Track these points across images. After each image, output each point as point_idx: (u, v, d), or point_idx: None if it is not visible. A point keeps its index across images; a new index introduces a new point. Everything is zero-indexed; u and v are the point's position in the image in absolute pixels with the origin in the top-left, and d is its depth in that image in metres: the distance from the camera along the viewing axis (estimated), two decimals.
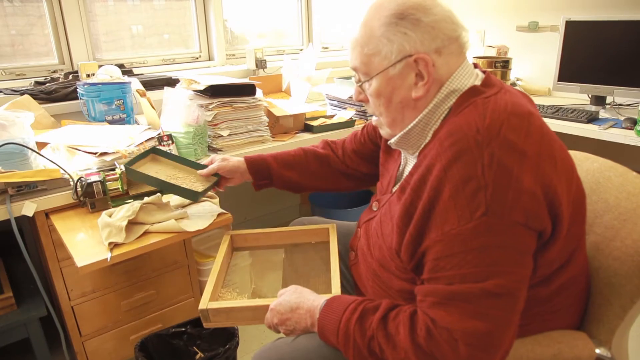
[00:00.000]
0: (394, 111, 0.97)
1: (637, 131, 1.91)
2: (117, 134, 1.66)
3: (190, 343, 1.60)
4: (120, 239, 1.26)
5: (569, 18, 2.33)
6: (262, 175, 1.37)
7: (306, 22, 3.14)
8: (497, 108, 0.85)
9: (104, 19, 2.33)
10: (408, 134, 0.97)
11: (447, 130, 0.86)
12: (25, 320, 1.50)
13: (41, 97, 1.92)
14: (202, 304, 1.09)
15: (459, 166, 0.80)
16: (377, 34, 0.91)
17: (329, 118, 2.24)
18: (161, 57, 2.55)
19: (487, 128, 0.81)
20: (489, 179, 0.78)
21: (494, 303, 0.79)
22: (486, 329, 0.79)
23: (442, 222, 0.82)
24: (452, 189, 0.80)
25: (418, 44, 0.89)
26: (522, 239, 0.81)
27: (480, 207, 0.78)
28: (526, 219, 0.79)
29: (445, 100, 0.92)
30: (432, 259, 0.84)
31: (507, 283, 0.80)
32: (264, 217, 3.06)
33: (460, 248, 0.80)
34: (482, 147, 0.80)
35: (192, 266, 1.78)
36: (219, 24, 2.64)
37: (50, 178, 1.43)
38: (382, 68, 0.92)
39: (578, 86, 2.36)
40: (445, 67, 0.91)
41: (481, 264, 0.79)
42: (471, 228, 0.79)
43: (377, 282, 1.06)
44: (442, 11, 0.91)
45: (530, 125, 0.84)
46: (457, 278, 0.81)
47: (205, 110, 1.76)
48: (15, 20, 2.10)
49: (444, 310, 0.81)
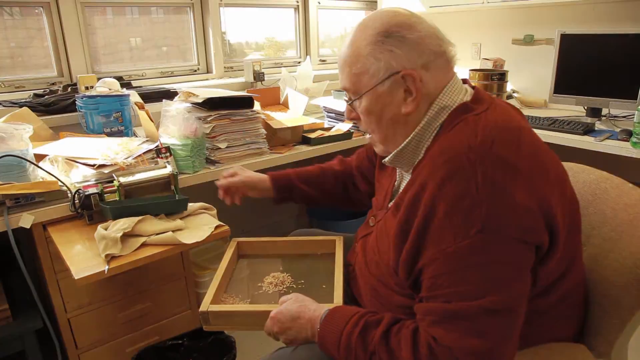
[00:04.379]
0: (385, 128, 0.98)
1: (633, 143, 1.92)
2: (116, 146, 1.66)
3: (187, 356, 1.59)
4: (116, 250, 1.26)
5: (564, 31, 2.36)
6: (284, 189, 1.39)
7: (304, 35, 3.17)
8: (488, 125, 0.86)
9: (103, 32, 2.35)
10: (402, 152, 0.98)
11: (440, 148, 0.87)
12: (21, 332, 1.48)
13: (40, 109, 1.93)
14: (203, 306, 1.09)
15: (453, 184, 0.81)
16: (364, 53, 0.92)
17: (327, 130, 2.25)
18: (159, 70, 2.56)
19: (479, 145, 0.82)
20: (483, 197, 0.79)
21: (493, 320, 0.80)
22: (486, 346, 0.79)
23: (438, 240, 0.82)
24: (447, 206, 0.81)
25: (405, 60, 0.90)
26: (518, 255, 0.81)
27: (476, 224, 0.78)
28: (522, 234, 0.80)
29: (436, 117, 0.93)
30: (429, 276, 0.84)
31: (505, 299, 0.80)
32: (262, 229, 3.05)
33: (457, 265, 0.81)
34: (475, 165, 0.80)
35: (190, 278, 1.77)
36: (217, 37, 2.66)
37: (48, 190, 1.43)
38: (371, 86, 0.94)
39: (574, 98, 2.38)
40: (433, 82, 0.92)
41: (478, 281, 0.80)
42: (467, 245, 0.79)
43: (376, 297, 1.06)
44: (427, 28, 0.92)
45: (521, 140, 0.85)
46: (455, 296, 0.81)
47: (203, 123, 1.76)
48: (15, 32, 2.11)
49: (443, 329, 0.82)
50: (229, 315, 1.09)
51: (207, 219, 1.48)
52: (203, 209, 1.54)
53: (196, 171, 1.74)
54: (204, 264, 1.97)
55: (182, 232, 1.39)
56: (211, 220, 1.47)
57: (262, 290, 1.22)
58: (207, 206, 1.55)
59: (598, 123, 2.31)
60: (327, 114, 2.49)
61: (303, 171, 1.42)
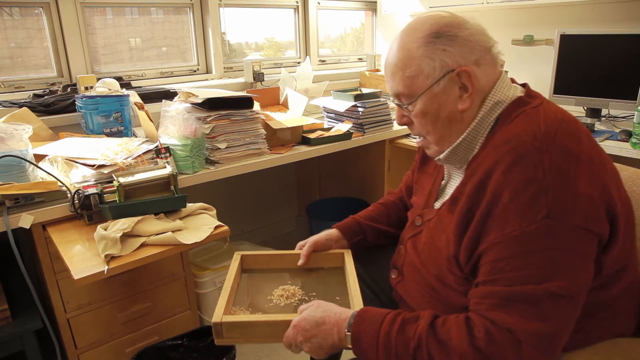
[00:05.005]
0: (441, 127, 0.98)
1: (633, 143, 1.92)
2: (115, 146, 1.67)
3: (187, 356, 1.59)
4: (116, 250, 1.26)
5: (564, 32, 2.36)
6: (355, 232, 1.33)
7: (303, 36, 3.17)
8: (549, 116, 0.89)
9: (103, 32, 2.35)
10: (457, 149, 0.99)
11: (503, 138, 0.88)
12: (20, 332, 1.48)
13: (39, 109, 1.93)
14: (216, 317, 1.02)
15: (520, 170, 0.83)
16: (417, 55, 0.93)
17: (327, 131, 2.25)
18: (159, 70, 2.56)
19: (544, 134, 0.85)
20: (550, 183, 0.80)
21: (557, 304, 0.80)
22: (549, 330, 0.80)
23: (502, 224, 0.83)
24: (513, 191, 0.82)
25: (459, 57, 0.92)
26: (582, 243, 0.82)
27: (542, 209, 0.80)
28: (586, 222, 0.81)
29: (491, 111, 0.95)
30: (490, 260, 0.85)
31: (569, 285, 0.81)
32: (261, 229, 3.06)
33: (521, 249, 0.82)
34: (541, 152, 0.82)
35: (189, 278, 1.77)
36: (217, 37, 2.66)
37: (47, 190, 1.43)
38: (427, 86, 0.94)
39: (573, 99, 2.38)
40: (484, 77, 0.94)
41: (543, 265, 0.81)
42: (533, 230, 0.80)
43: (435, 297, 1.04)
44: (474, 25, 0.95)
45: (581, 132, 0.88)
46: (518, 279, 0.82)
47: (203, 123, 1.76)
48: (15, 33, 2.12)
49: (504, 312, 0.82)
50: (245, 327, 1.02)
51: (206, 219, 1.48)
52: (202, 209, 1.54)
53: (196, 171, 1.74)
54: (204, 264, 1.97)
55: (182, 232, 1.39)
56: (211, 221, 1.47)
57: (273, 303, 1.16)
58: (206, 206, 1.56)
59: (598, 123, 2.32)
60: (326, 114, 2.50)
61: (365, 212, 1.37)
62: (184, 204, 1.49)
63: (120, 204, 1.41)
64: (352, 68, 3.34)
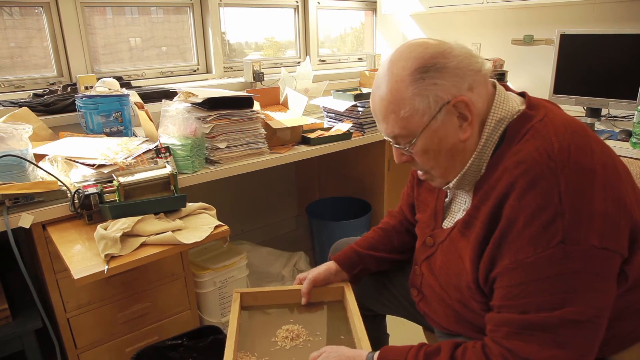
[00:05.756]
0: (445, 161, 0.95)
1: (633, 143, 1.92)
2: (115, 146, 1.67)
3: (187, 356, 1.59)
4: (116, 250, 1.26)
5: (564, 32, 2.36)
6: (354, 263, 1.29)
7: (303, 35, 3.17)
8: (559, 131, 0.85)
9: (103, 32, 2.35)
10: (464, 176, 0.95)
11: (515, 160, 0.85)
12: (20, 332, 1.48)
13: (39, 109, 1.93)
14: None
15: (535, 194, 0.80)
16: (408, 95, 0.89)
17: (327, 130, 2.25)
18: (159, 70, 2.56)
19: (558, 153, 0.82)
20: (566, 206, 0.78)
21: (574, 331, 0.79)
22: (568, 356, 0.79)
23: (516, 249, 0.82)
24: (528, 217, 0.80)
25: (451, 88, 0.88)
26: (599, 263, 0.80)
27: (557, 235, 0.78)
28: (601, 241, 0.79)
29: (494, 131, 0.92)
30: (505, 285, 0.84)
31: (586, 310, 0.79)
32: (261, 229, 3.06)
33: (536, 276, 0.80)
34: (556, 173, 0.80)
35: (189, 278, 1.77)
36: (217, 37, 2.66)
37: (47, 190, 1.43)
38: (424, 124, 0.90)
39: (573, 98, 2.38)
40: (480, 100, 0.91)
41: (557, 291, 0.79)
42: (548, 256, 0.79)
43: (461, 318, 1.04)
44: (461, 50, 0.90)
45: (591, 140, 0.86)
46: (533, 306, 0.81)
47: (202, 123, 1.76)
48: (15, 32, 2.11)
49: (520, 341, 0.81)
50: None
51: (206, 219, 1.48)
52: (202, 209, 1.54)
53: (196, 171, 1.74)
54: (204, 264, 1.97)
55: (182, 232, 1.39)
56: (210, 220, 1.47)
57: (279, 347, 1.12)
58: (206, 206, 1.55)
59: (597, 123, 2.32)
60: (326, 114, 2.50)
61: (363, 240, 1.33)
62: (184, 203, 1.49)
63: (120, 204, 1.41)
64: (352, 68, 3.34)
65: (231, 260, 2.02)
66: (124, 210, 1.39)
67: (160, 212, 1.44)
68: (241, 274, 2.08)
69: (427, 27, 3.19)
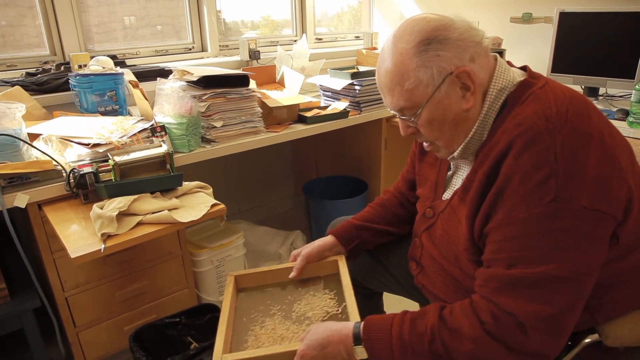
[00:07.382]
0: (449, 130, 0.98)
1: (629, 122, 1.92)
2: (110, 125, 1.65)
3: (185, 333, 1.60)
4: (112, 229, 1.26)
5: (563, 9, 2.34)
6: (352, 236, 1.30)
7: (300, 14, 3.13)
8: (558, 96, 0.88)
9: (96, 10, 2.31)
10: (468, 144, 0.98)
11: (514, 122, 0.88)
12: (19, 311, 1.50)
13: (32, 88, 1.91)
14: (215, 357, 0.98)
15: (531, 153, 0.83)
16: (412, 67, 0.92)
17: (323, 109, 2.23)
18: (154, 49, 2.53)
19: (556, 116, 0.85)
20: (560, 166, 0.81)
21: (558, 287, 0.82)
22: (551, 312, 0.81)
23: (510, 205, 0.84)
24: (523, 175, 0.83)
25: (454, 59, 0.91)
26: (588, 224, 0.82)
27: (550, 193, 0.81)
28: (593, 203, 0.81)
29: (495, 100, 0.95)
30: (496, 240, 0.87)
31: (571, 267, 0.82)
32: (258, 208, 3.07)
33: (526, 232, 0.83)
34: (554, 134, 0.83)
35: (186, 257, 1.78)
36: (212, 15, 2.62)
37: (42, 169, 1.43)
38: (429, 95, 0.93)
39: (571, 77, 2.36)
40: (482, 70, 0.94)
41: (545, 246, 0.82)
42: (539, 213, 0.82)
43: (460, 287, 1.06)
44: (462, 23, 0.93)
45: (589, 107, 0.89)
46: (520, 260, 0.83)
47: (198, 102, 1.75)
48: (6, 11, 2.08)
49: (507, 296, 0.84)
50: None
51: (203, 198, 1.48)
52: (199, 187, 1.54)
53: (192, 150, 1.73)
54: (201, 243, 1.98)
55: (178, 210, 1.39)
56: (207, 199, 1.47)
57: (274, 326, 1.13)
58: (202, 185, 1.55)
59: (595, 102, 2.31)
60: (323, 92, 2.48)
61: (360, 214, 1.35)
62: (180, 182, 1.49)
63: (116, 183, 1.40)
64: (349, 46, 3.31)
65: (228, 239, 2.03)
66: (119, 190, 1.39)
67: (156, 191, 1.44)
68: (238, 252, 2.09)
69: (425, 5, 3.15)
